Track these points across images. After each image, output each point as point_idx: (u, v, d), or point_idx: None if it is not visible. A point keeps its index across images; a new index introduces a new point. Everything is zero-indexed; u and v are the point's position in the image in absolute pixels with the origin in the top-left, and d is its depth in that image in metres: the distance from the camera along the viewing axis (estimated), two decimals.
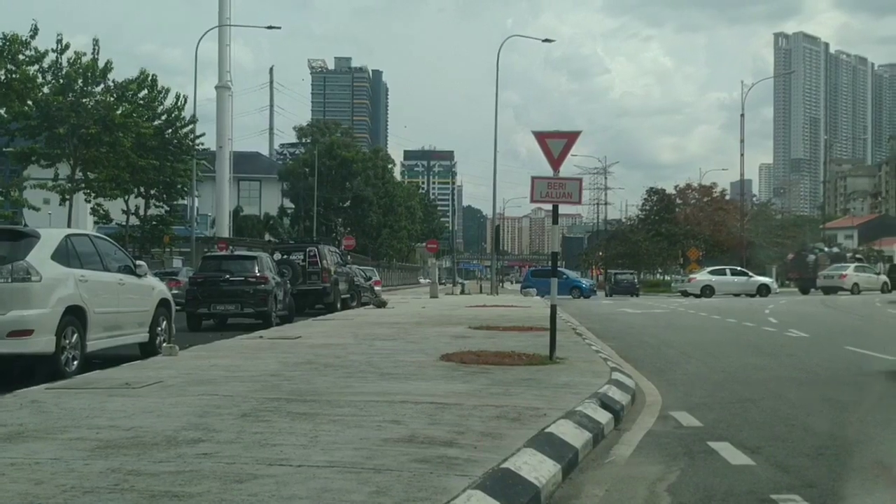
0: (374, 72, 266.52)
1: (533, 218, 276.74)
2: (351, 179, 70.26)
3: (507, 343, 12.62)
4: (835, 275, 45.05)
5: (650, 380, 9.95)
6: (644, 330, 19.21)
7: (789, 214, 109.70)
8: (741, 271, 46.08)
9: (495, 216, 53.92)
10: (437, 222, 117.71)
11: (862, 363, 11.88)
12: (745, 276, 45.04)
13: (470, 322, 17.90)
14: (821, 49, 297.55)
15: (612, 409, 7.30)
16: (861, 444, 6.31)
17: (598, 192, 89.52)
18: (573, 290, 45.13)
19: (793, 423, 7.12)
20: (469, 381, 8.53)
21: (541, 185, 10.86)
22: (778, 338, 16.50)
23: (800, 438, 6.50)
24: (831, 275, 45.38)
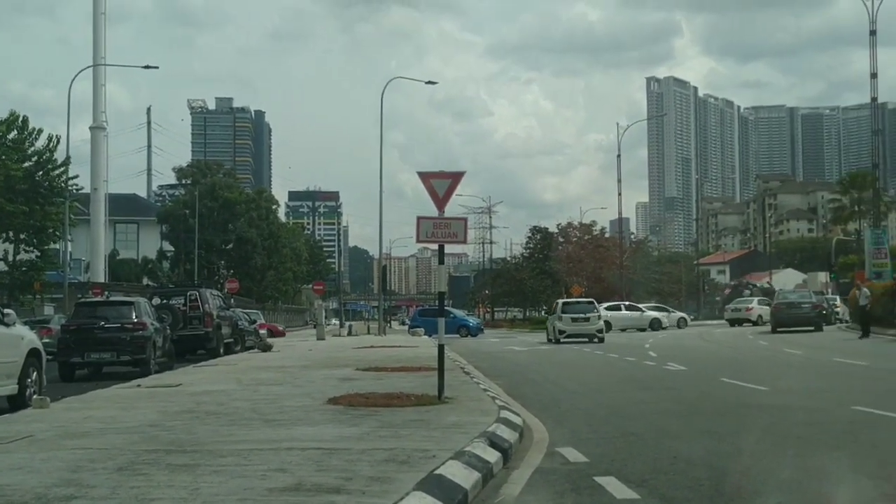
0: (256, 112, 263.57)
1: (419, 258, 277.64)
2: (234, 221, 68.93)
3: (396, 384, 12.53)
4: (741, 307, 47.85)
5: (537, 417, 10.04)
6: (530, 367, 19.44)
7: (665, 251, 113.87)
8: (635, 307, 48.07)
9: (382, 256, 53.78)
10: (324, 263, 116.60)
11: (737, 394, 12.32)
12: (639, 311, 46.83)
13: (357, 364, 17.70)
14: (690, 93, 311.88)
15: (500, 448, 7.31)
16: (739, 475, 6.51)
17: (483, 231, 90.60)
18: (461, 329, 45.38)
19: (675, 456, 7.29)
20: (357, 425, 8.40)
21: (426, 225, 10.90)
22: (658, 371, 16.97)
23: (682, 471, 6.65)
24: (738, 308, 48.10)
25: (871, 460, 7.05)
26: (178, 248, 67.24)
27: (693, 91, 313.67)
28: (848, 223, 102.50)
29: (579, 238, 74.81)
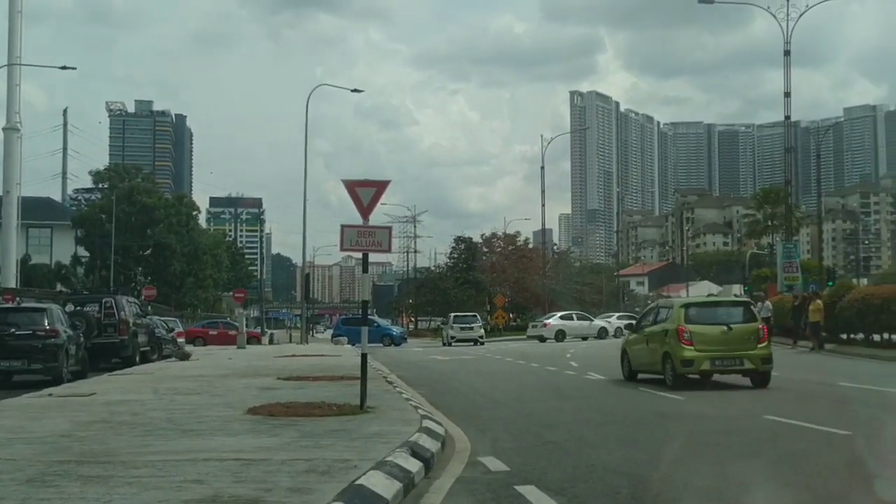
0: (177, 116, 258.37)
1: (343, 266, 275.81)
2: (152, 227, 67.40)
3: (317, 393, 12.40)
4: (538, 324, 49.07)
5: (460, 426, 10.06)
6: (454, 377, 19.48)
7: (587, 262, 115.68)
8: (585, 316, 49.65)
9: (305, 264, 53.33)
10: (245, 271, 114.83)
11: (655, 403, 12.57)
12: (589, 320, 48.39)
13: (279, 373, 17.47)
14: (612, 107, 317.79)
15: (422, 458, 7.30)
16: (656, 483, 6.63)
17: (407, 240, 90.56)
18: (384, 338, 45.35)
19: (593, 464, 7.39)
20: (277, 435, 8.29)
21: (350, 234, 10.85)
22: (578, 381, 17.20)
23: (600, 478, 6.75)
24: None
25: (784, 468, 7.27)
26: (93, 253, 65.44)
27: (615, 106, 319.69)
28: (761, 237, 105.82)
29: (503, 248, 75.43)
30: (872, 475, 6.63)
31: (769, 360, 15.07)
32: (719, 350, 14.95)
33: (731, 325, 15.19)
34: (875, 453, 7.60)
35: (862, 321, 24.24)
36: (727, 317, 15.68)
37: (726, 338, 15.01)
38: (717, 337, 15.02)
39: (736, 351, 14.92)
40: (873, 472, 6.78)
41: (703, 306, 16.75)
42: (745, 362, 14.88)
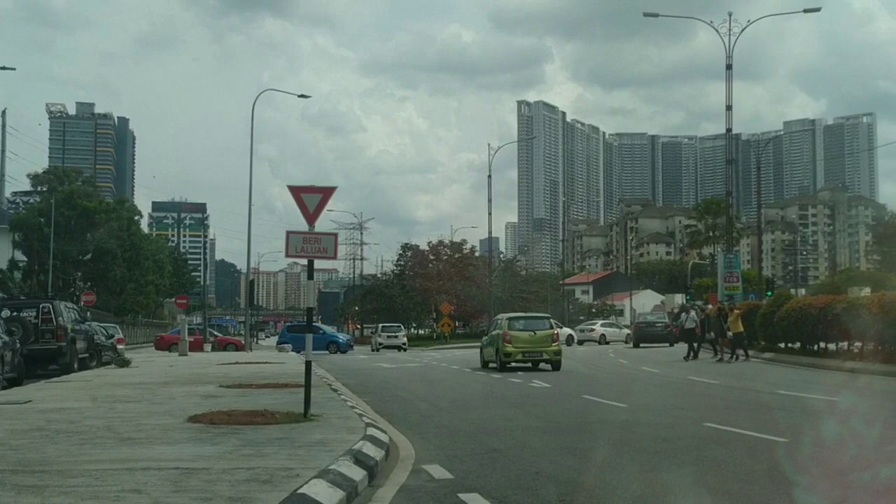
0: (120, 119, 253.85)
1: (289, 272, 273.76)
2: (93, 231, 66.16)
3: (261, 401, 12.27)
4: (586, 329, 51.25)
5: (404, 434, 10.04)
6: (399, 384, 19.43)
7: (533, 270, 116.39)
8: (557, 323, 50.14)
9: (249, 270, 52.75)
10: (188, 277, 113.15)
11: (598, 411, 12.69)
12: (560, 327, 49.08)
13: (221, 380, 17.25)
14: (559, 117, 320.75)
15: (366, 466, 7.27)
16: (598, 489, 6.69)
17: (354, 247, 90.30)
18: (330, 346, 45.08)
19: (536, 472, 7.43)
20: (219, 443, 8.17)
21: (296, 240, 10.77)
22: (523, 389, 17.29)
23: (543, 486, 6.78)
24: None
25: (721, 475, 7.38)
26: (31, 258, 63.97)
27: (561, 116, 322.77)
28: (703, 247, 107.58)
29: (450, 256, 75.56)
30: (794, 482, 6.79)
31: (559, 353, 23.83)
32: (528, 347, 23.53)
33: (536, 331, 23.79)
34: (804, 460, 7.78)
35: (800, 330, 24.77)
36: (534, 326, 24.18)
37: (532, 339, 23.61)
38: (526, 339, 23.58)
39: (538, 348, 23.60)
40: (796, 478, 6.94)
41: (519, 319, 25.08)
42: (543, 355, 23.58)
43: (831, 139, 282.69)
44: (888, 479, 6.97)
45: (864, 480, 6.85)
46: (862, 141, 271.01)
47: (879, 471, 7.21)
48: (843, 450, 8.49)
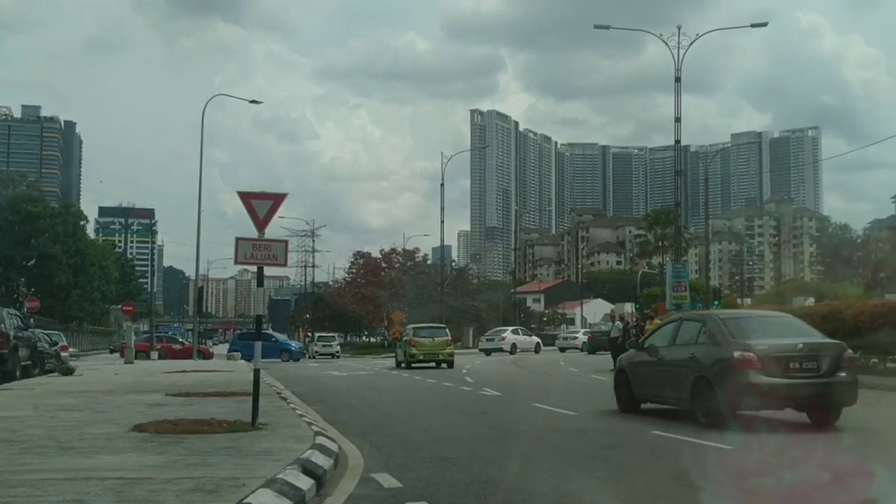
0: (66, 122, 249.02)
1: (239, 280, 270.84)
2: (37, 236, 64.83)
3: (208, 410, 12.10)
4: (495, 337, 51.38)
5: (354, 442, 9.98)
6: (349, 392, 19.33)
7: (485, 278, 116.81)
8: (527, 332, 56.30)
9: (198, 277, 51.98)
10: (135, 283, 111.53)
11: (548, 419, 12.74)
12: (529, 335, 54.18)
13: (167, 389, 16.98)
14: (511, 126, 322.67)
15: (314, 475, 7.20)
16: (546, 497, 6.71)
17: (305, 254, 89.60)
18: (283, 354, 44.58)
19: (485, 480, 7.43)
20: (163, 453, 8.04)
21: (245, 247, 10.66)
22: (474, 397, 17.31)
23: (492, 494, 6.79)
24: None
25: (668, 481, 7.46)
26: None
27: (514, 125, 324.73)
28: (652, 257, 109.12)
29: (402, 264, 75.44)
30: (733, 485, 6.89)
31: (452, 354, 32.06)
32: (428, 350, 31.81)
33: (435, 338, 32.34)
34: (744, 465, 7.90)
35: None
36: (433, 334, 32.80)
37: (432, 344, 31.98)
38: (427, 344, 32.02)
39: (436, 350, 31.82)
40: (735, 482, 7.05)
41: (423, 329, 33.85)
42: (440, 356, 31.62)
43: (777, 152, 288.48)
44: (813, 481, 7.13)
45: (796, 481, 6.99)
46: (807, 154, 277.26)
47: (813, 475, 7.35)
48: (782, 455, 8.66)
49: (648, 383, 13.25)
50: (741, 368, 10.93)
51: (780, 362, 10.94)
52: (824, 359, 11.15)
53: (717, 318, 12.50)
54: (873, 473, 6.95)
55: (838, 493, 6.62)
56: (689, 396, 11.80)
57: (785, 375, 10.90)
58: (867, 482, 6.66)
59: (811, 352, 11.18)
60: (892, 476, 7.09)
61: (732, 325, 12.02)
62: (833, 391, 11.08)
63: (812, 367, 11.05)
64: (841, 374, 11.17)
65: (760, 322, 12.94)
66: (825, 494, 6.69)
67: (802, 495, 6.78)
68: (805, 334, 11.99)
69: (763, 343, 11.18)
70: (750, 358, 10.93)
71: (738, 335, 11.55)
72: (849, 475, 7.26)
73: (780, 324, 12.76)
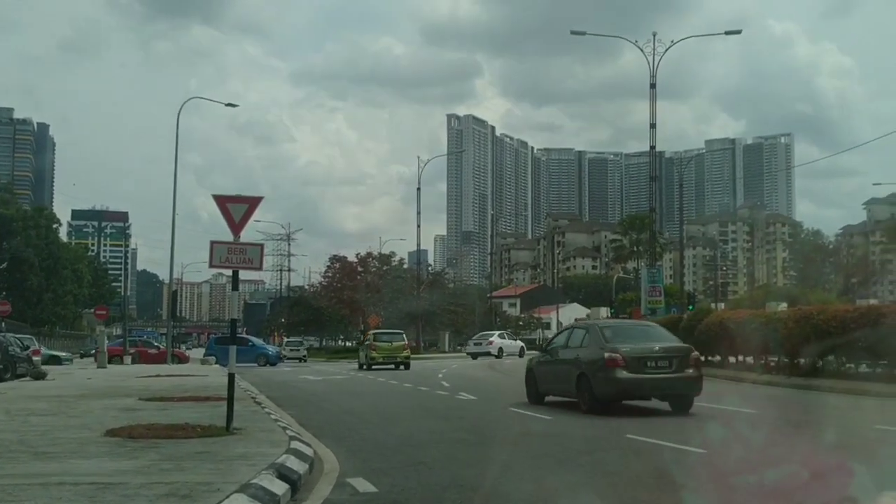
0: (39, 125, 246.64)
1: (213, 284, 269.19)
2: (9, 239, 64.17)
3: (182, 415, 12.02)
4: (483, 341, 51.30)
5: (329, 447, 9.95)
6: (325, 397, 19.27)
7: (461, 283, 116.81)
8: (513, 336, 58.29)
9: (172, 281, 51.60)
10: (108, 287, 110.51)
11: (524, 423, 12.78)
12: (514, 339, 55.73)
13: (141, 393, 16.85)
14: (488, 131, 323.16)
15: (289, 480, 7.17)
16: (523, 500, 6.74)
17: (281, 258, 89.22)
18: (259, 358, 44.23)
19: (461, 485, 7.44)
20: (137, 458, 7.98)
21: (220, 250, 10.61)
22: (450, 401, 17.31)
23: (468, 498, 6.79)
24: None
25: (641, 485, 7.51)
26: None
27: (491, 130, 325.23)
28: (627, 262, 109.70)
29: (378, 268, 75.31)
30: (704, 490, 6.95)
31: (409, 357, 35.61)
32: (387, 353, 35.19)
33: (393, 342, 35.78)
34: (718, 470, 7.95)
35: (719, 344, 25.35)
36: (392, 339, 36.30)
37: (390, 348, 35.40)
38: (386, 347, 35.42)
39: (394, 353, 35.26)
40: (705, 487, 7.10)
41: (382, 334, 37.67)
42: (398, 358, 35.05)
43: (751, 158, 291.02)
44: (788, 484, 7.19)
45: (771, 484, 7.05)
46: (780, 160, 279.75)
47: (791, 477, 7.42)
48: (759, 459, 8.71)
49: (548, 380, 15.70)
50: (610, 366, 13.69)
51: (640, 361, 13.79)
52: (675, 359, 14.00)
53: (596, 327, 15.42)
54: None
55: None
56: (575, 389, 14.42)
57: (643, 372, 13.76)
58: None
59: (665, 353, 14.07)
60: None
61: (607, 332, 14.87)
62: (682, 384, 13.89)
63: (665, 365, 13.90)
64: (689, 371, 14.01)
65: (630, 330, 16.25)
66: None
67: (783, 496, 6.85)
68: (663, 340, 14.92)
69: (627, 346, 14.03)
70: (616, 358, 13.71)
71: (610, 340, 14.38)
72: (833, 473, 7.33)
73: (646, 331, 15.79)
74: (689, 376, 13.98)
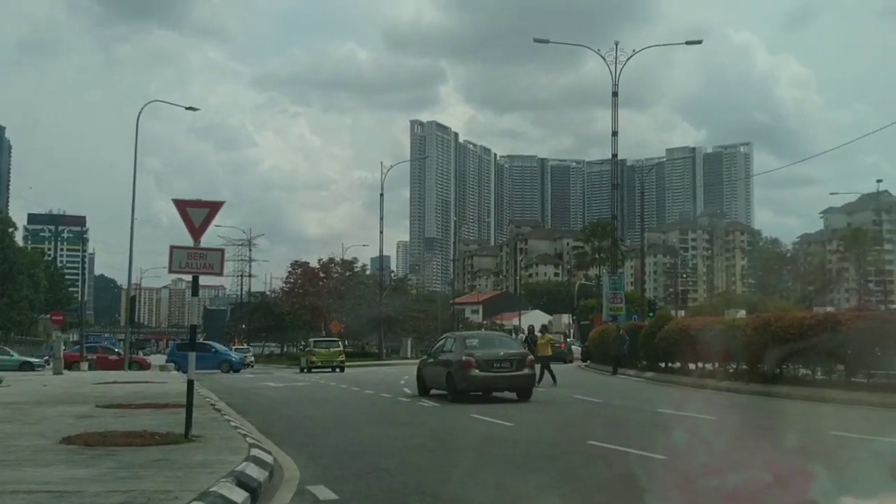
0: None
1: (173, 289, 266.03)
2: None
3: (140, 422, 11.84)
4: None
5: (290, 454, 9.86)
6: (286, 404, 19.12)
7: (424, 289, 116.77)
8: None
9: (131, 286, 50.95)
10: (65, 292, 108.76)
11: (486, 429, 12.77)
12: None
13: (98, 400, 16.58)
14: (451, 138, 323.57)
15: (248, 488, 7.09)
16: None
17: (242, 263, 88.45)
18: (223, 364, 43.64)
19: (423, 491, 7.41)
20: (93, 466, 7.84)
21: (180, 255, 10.49)
22: (412, 407, 17.27)
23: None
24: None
25: (602, 493, 7.53)
26: None
27: (454, 136, 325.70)
28: (589, 269, 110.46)
29: (340, 274, 74.99)
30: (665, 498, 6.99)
31: (344, 361, 41.88)
32: (325, 358, 41.58)
33: (331, 348, 42.96)
34: (681, 477, 8.01)
35: (680, 350, 25.59)
36: (329, 346, 43.64)
37: (328, 353, 42.15)
38: (324, 353, 42.22)
39: (332, 358, 41.56)
40: (667, 494, 7.15)
41: (321, 341, 45.16)
42: (334, 362, 41.25)
43: (710, 167, 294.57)
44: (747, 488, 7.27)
45: (731, 488, 7.12)
46: (739, 169, 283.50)
47: (749, 481, 7.49)
48: (719, 464, 8.79)
49: (430, 377, 20.01)
50: (466, 367, 18.09)
51: (489, 363, 18.23)
52: (515, 362, 18.53)
53: (462, 337, 20.90)
54: None
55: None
56: (445, 385, 18.63)
57: (490, 371, 18.17)
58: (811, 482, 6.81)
59: (507, 357, 18.72)
60: None
61: (468, 341, 19.99)
62: (519, 380, 18.36)
63: (507, 366, 18.38)
64: (525, 370, 18.45)
65: (486, 340, 21.52)
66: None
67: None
68: (509, 348, 19.96)
69: (479, 352, 18.70)
70: (471, 360, 18.20)
71: (468, 347, 19.01)
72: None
73: (496, 340, 21.94)
74: (525, 374, 18.39)
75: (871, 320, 18.30)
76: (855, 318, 18.77)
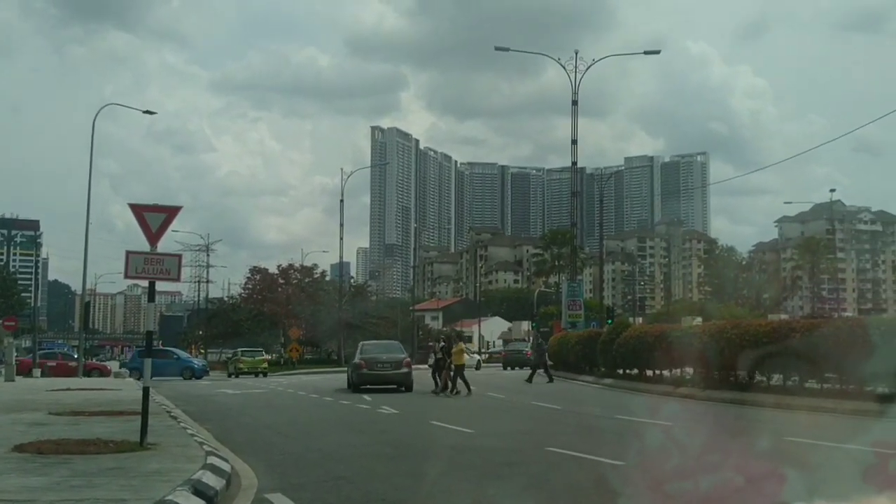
0: None
1: (129, 295, 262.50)
2: None
3: (94, 429, 11.65)
4: None
5: (247, 462, 9.77)
6: (244, 411, 18.94)
7: (384, 296, 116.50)
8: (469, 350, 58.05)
9: (85, 292, 50.07)
10: (18, 297, 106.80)
11: (446, 437, 12.77)
12: (470, 353, 54.62)
13: (51, 407, 16.27)
14: (412, 144, 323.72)
15: (205, 496, 7.02)
16: None
17: (200, 269, 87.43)
18: (185, 371, 42.99)
19: (382, 498, 7.39)
20: (46, 474, 7.70)
21: (137, 261, 10.36)
22: (371, 415, 17.21)
23: None
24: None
25: (564, 494, 7.57)
26: None
27: (415, 143, 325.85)
28: (549, 276, 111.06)
29: (300, 280, 74.55)
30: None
31: (266, 367, 47.75)
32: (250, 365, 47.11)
33: (255, 357, 48.84)
34: (639, 483, 8.07)
35: (637, 357, 25.83)
36: (254, 355, 49.21)
37: (253, 361, 47.97)
38: (250, 360, 47.75)
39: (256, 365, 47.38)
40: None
41: (247, 351, 50.00)
42: (258, 368, 46.94)
43: (668, 176, 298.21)
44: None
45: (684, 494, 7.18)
46: (696, 178, 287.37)
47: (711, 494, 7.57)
48: (677, 473, 8.87)
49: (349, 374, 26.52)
50: (358, 367, 25.28)
51: (375, 364, 25.04)
52: (394, 363, 25.18)
53: (361, 344, 27.59)
54: None
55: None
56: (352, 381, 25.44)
57: (376, 370, 24.96)
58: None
59: (388, 360, 25.33)
60: None
61: (364, 347, 26.82)
62: (397, 378, 24.94)
63: (388, 367, 25.11)
64: (403, 370, 25.04)
65: (375, 346, 27.64)
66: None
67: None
68: (393, 351, 26.58)
69: (369, 355, 25.54)
70: (361, 362, 25.33)
71: (363, 352, 26.02)
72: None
73: (385, 346, 27.95)
74: (402, 373, 24.86)
75: (825, 327, 18.61)
76: (809, 325, 19.07)
